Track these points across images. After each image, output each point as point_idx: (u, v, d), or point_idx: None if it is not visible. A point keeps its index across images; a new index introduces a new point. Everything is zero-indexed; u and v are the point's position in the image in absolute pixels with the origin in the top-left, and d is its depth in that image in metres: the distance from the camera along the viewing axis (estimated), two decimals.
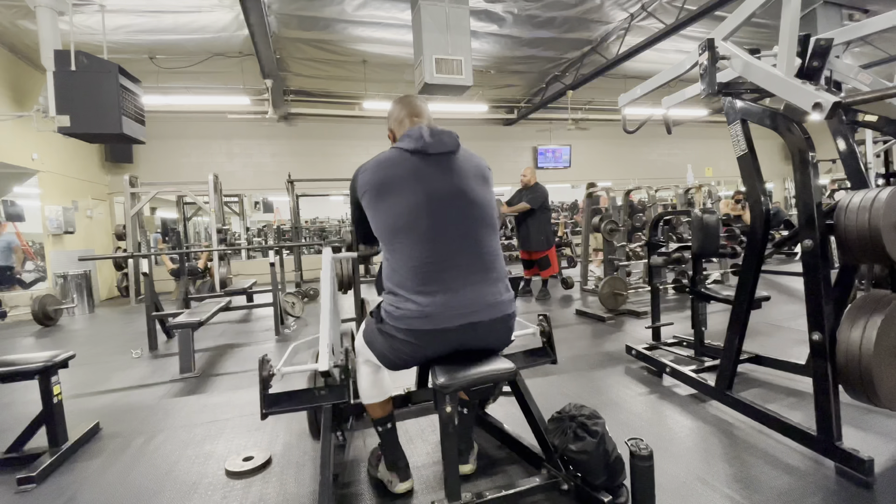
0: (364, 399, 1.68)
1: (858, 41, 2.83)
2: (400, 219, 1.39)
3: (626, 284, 4.76)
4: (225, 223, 7.47)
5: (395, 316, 1.41)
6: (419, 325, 1.37)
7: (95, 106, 3.75)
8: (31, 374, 2.12)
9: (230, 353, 3.96)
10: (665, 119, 3.37)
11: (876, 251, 1.66)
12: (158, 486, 1.89)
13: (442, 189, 1.41)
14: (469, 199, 1.44)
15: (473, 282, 1.41)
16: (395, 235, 1.40)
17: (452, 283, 1.38)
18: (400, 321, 1.40)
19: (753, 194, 2.10)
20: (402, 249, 1.39)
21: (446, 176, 1.43)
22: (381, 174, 1.43)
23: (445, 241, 1.39)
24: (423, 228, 1.38)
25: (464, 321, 1.38)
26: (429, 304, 1.36)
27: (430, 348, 1.43)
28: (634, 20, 6.54)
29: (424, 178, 1.40)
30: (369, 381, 1.67)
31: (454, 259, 1.40)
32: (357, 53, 7.27)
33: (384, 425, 1.70)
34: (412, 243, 1.38)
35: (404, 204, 1.38)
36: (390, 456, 1.72)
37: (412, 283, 1.38)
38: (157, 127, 8.28)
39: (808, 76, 2.03)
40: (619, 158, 12.39)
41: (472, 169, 1.50)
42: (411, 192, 1.39)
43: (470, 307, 1.39)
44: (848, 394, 1.76)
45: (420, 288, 1.38)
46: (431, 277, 1.38)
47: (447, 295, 1.37)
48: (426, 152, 1.43)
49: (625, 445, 1.49)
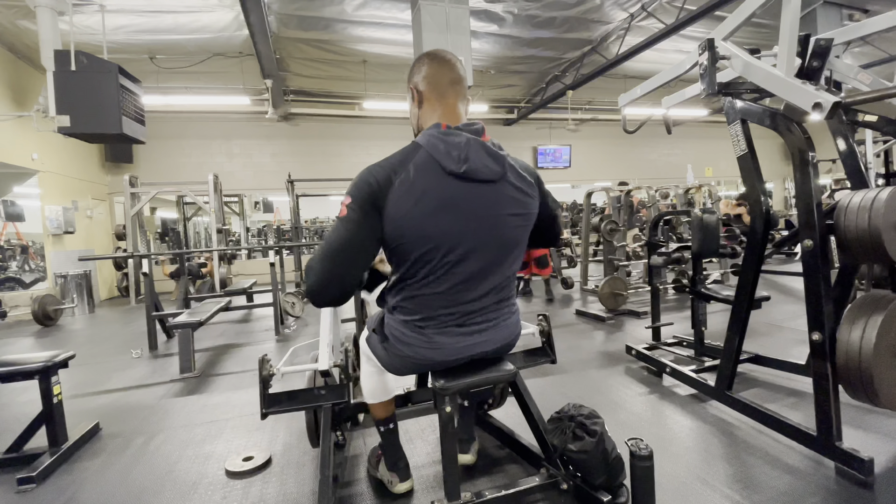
0: (368, 399, 1.67)
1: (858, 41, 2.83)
2: (427, 245, 1.20)
3: (626, 284, 4.76)
4: (225, 223, 7.47)
5: (403, 342, 1.35)
6: (429, 355, 1.34)
7: (95, 106, 3.75)
8: (31, 374, 2.12)
9: (230, 353, 3.96)
10: (665, 119, 3.37)
11: (876, 251, 1.66)
12: (158, 486, 1.89)
13: (475, 223, 1.23)
14: (503, 240, 1.29)
15: (489, 321, 1.37)
16: (417, 261, 1.23)
17: (468, 324, 1.33)
18: (407, 348, 1.34)
19: (753, 194, 2.10)
20: (422, 279, 1.26)
21: (483, 207, 1.23)
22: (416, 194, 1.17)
23: (470, 287, 1.29)
24: (449, 261, 1.23)
25: (473, 353, 1.37)
26: (438, 339, 1.32)
27: (436, 366, 1.41)
28: (634, 20, 6.55)
29: (458, 206, 1.20)
30: (373, 382, 1.65)
31: (475, 297, 1.31)
32: (357, 53, 7.27)
33: (386, 425, 1.68)
34: (434, 275, 1.25)
35: (434, 230, 1.19)
36: (391, 456, 1.71)
37: (427, 316, 1.30)
38: (157, 127, 8.29)
39: (808, 76, 2.03)
40: (619, 158, 12.39)
41: (518, 199, 1.29)
42: (444, 220, 1.19)
43: (479, 340, 1.36)
44: (848, 394, 1.76)
45: (435, 323, 1.31)
46: (445, 322, 1.31)
47: (461, 334, 1.33)
48: (469, 179, 1.21)
49: (625, 445, 1.49)
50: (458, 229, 1.21)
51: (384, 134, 10.14)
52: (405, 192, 1.17)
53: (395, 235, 1.19)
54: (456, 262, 1.24)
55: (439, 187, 1.19)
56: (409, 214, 1.17)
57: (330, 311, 1.98)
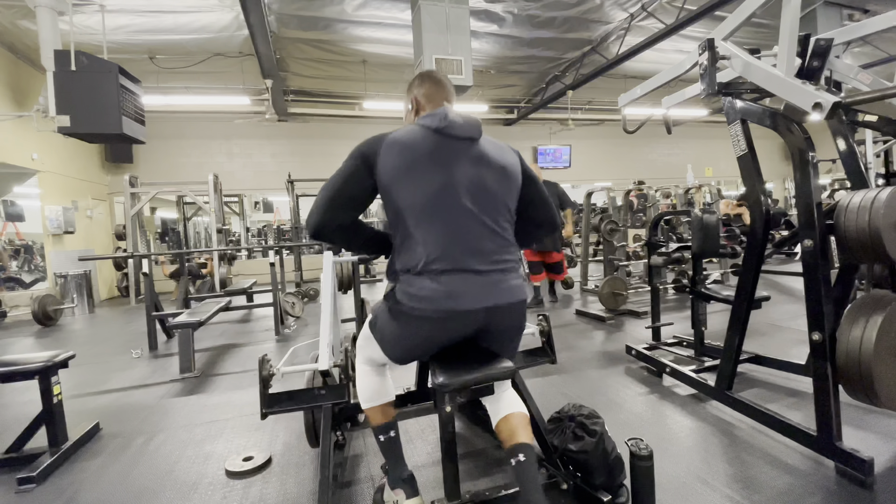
0: (364, 402, 1.58)
1: (858, 41, 2.83)
2: (424, 199, 1.33)
3: (626, 284, 4.76)
4: (225, 223, 7.47)
5: (417, 296, 1.34)
6: (444, 304, 1.32)
7: (95, 106, 3.75)
8: (31, 374, 2.12)
9: (230, 353, 3.96)
10: (665, 119, 3.37)
11: (876, 251, 1.66)
12: (158, 486, 1.89)
13: (462, 174, 1.37)
14: (486, 188, 1.40)
15: (495, 266, 1.39)
16: (417, 215, 1.34)
17: (476, 266, 1.35)
18: (422, 301, 1.33)
19: (753, 194, 2.10)
20: (424, 231, 1.34)
21: (467, 161, 1.39)
22: (408, 153, 1.35)
23: (468, 226, 1.36)
24: (447, 210, 1.34)
25: (488, 303, 1.35)
26: (453, 285, 1.33)
27: (448, 332, 1.39)
28: (634, 20, 6.55)
29: (446, 161, 1.37)
30: (369, 382, 1.58)
31: (477, 244, 1.37)
32: (357, 53, 7.27)
33: (387, 433, 1.57)
34: (435, 225, 1.34)
35: (428, 184, 1.34)
36: (394, 470, 1.57)
37: (436, 264, 1.33)
38: (157, 127, 8.28)
39: (808, 76, 2.04)
40: (619, 158, 12.39)
41: (495, 159, 1.44)
42: (434, 173, 1.35)
43: (492, 290, 1.36)
44: (848, 394, 1.76)
45: (444, 268, 1.33)
46: (456, 260, 1.34)
47: (470, 278, 1.35)
48: (449, 134, 1.39)
49: (625, 445, 1.49)
50: (444, 177, 1.35)
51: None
52: (394, 150, 1.36)
53: (389, 186, 1.35)
54: (448, 208, 1.34)
55: (424, 142, 1.37)
56: (398, 165, 1.34)
57: (330, 312, 1.97)
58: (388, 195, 1.36)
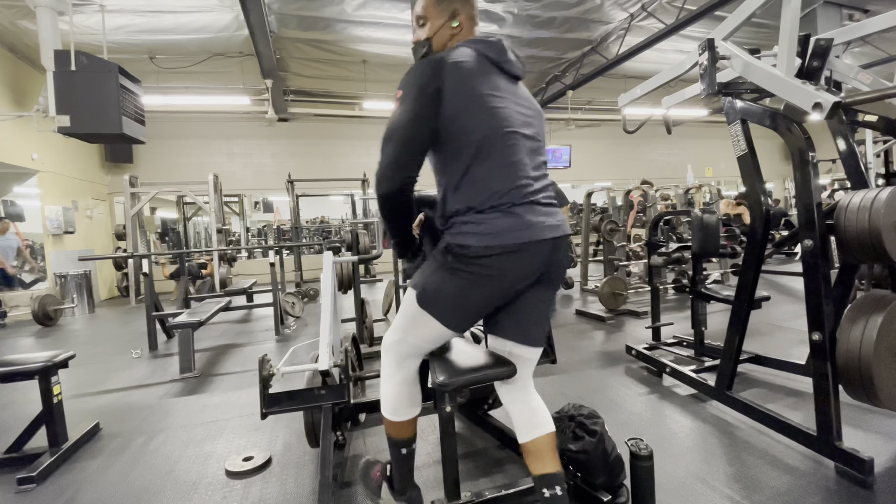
0: (391, 413, 1.39)
1: (858, 41, 2.83)
2: (491, 130, 1.23)
3: (626, 284, 4.76)
4: (225, 223, 7.47)
5: (491, 233, 1.21)
6: (521, 236, 1.22)
7: (95, 106, 3.75)
8: (31, 374, 2.12)
9: (230, 353, 3.96)
10: (665, 119, 3.37)
11: (876, 251, 1.67)
12: (158, 486, 1.89)
13: (516, 111, 1.31)
14: (534, 129, 1.35)
15: (550, 201, 1.34)
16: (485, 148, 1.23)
17: (538, 198, 1.28)
18: (497, 237, 1.21)
19: (753, 194, 2.10)
20: (492, 165, 1.24)
21: (517, 99, 1.34)
22: (474, 81, 1.24)
23: (527, 162, 1.29)
24: (512, 145, 1.26)
25: (556, 234, 1.28)
26: (527, 216, 1.24)
27: (523, 271, 1.26)
28: (634, 20, 6.55)
29: (504, 94, 1.29)
30: (403, 390, 1.39)
31: (535, 179, 1.30)
32: (357, 53, 7.27)
33: (409, 447, 1.43)
34: (503, 158, 1.25)
35: (494, 115, 1.24)
36: (401, 482, 1.46)
37: (506, 198, 1.23)
38: (157, 127, 8.28)
39: (808, 76, 2.03)
40: (619, 158, 12.39)
41: (534, 105, 1.41)
42: (499, 105, 1.26)
43: (553, 222, 1.29)
44: (848, 394, 1.76)
45: (516, 201, 1.24)
46: (523, 193, 1.25)
47: (537, 209, 1.27)
48: (504, 69, 1.32)
49: (625, 445, 1.49)
50: (506, 111, 1.27)
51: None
52: (459, 77, 1.22)
53: (455, 117, 1.22)
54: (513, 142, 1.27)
55: (485, 70, 1.28)
56: (466, 93, 1.22)
57: (330, 311, 1.97)
58: (452, 127, 1.22)
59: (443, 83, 1.20)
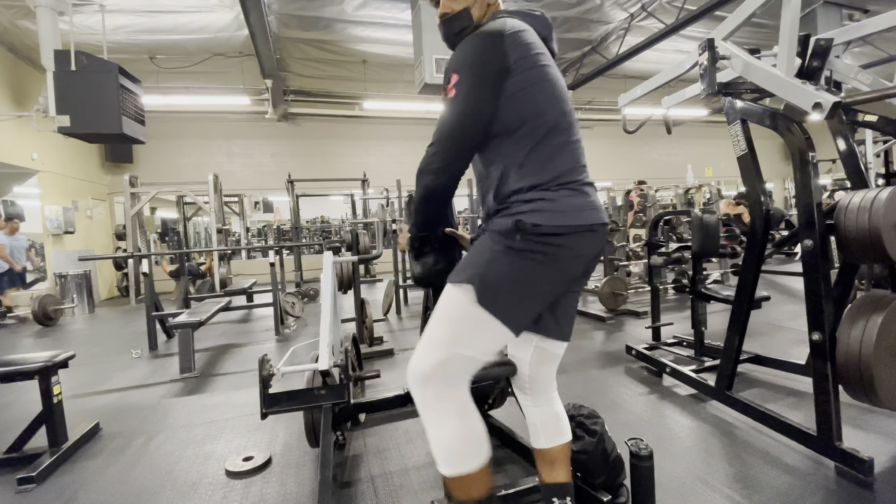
0: (456, 467, 1.10)
1: (858, 41, 2.83)
2: (555, 105, 1.15)
3: (625, 284, 4.76)
4: (225, 223, 7.47)
5: (564, 211, 1.10)
6: (593, 217, 1.14)
7: (95, 106, 3.75)
8: (31, 374, 2.12)
9: (230, 353, 3.96)
10: (665, 119, 3.37)
11: (876, 251, 1.67)
12: (158, 486, 1.89)
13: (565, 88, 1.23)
14: None
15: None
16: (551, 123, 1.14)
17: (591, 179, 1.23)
18: (570, 216, 1.10)
19: (753, 194, 2.10)
20: (559, 141, 1.15)
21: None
22: (536, 51, 1.13)
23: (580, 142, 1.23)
24: (572, 122, 1.19)
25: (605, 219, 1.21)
26: (592, 196, 1.18)
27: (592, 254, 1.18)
28: (634, 20, 6.55)
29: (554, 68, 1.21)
30: (463, 431, 1.11)
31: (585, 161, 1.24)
32: (357, 53, 7.27)
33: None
34: (568, 135, 1.17)
35: (556, 89, 1.16)
36: None
37: (574, 175, 1.15)
38: (157, 127, 8.28)
39: (808, 76, 2.03)
40: (618, 158, 12.39)
41: None
42: (558, 78, 1.18)
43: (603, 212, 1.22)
44: (848, 394, 1.76)
45: (583, 179, 1.18)
46: (586, 172, 1.20)
47: (593, 192, 1.21)
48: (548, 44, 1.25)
49: (625, 445, 1.49)
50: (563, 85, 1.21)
51: (384, 134, 10.14)
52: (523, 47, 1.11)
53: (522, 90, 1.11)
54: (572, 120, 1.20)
55: (542, 47, 1.18)
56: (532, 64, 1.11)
57: (330, 311, 1.97)
58: (518, 100, 1.11)
59: (506, 58, 1.08)
